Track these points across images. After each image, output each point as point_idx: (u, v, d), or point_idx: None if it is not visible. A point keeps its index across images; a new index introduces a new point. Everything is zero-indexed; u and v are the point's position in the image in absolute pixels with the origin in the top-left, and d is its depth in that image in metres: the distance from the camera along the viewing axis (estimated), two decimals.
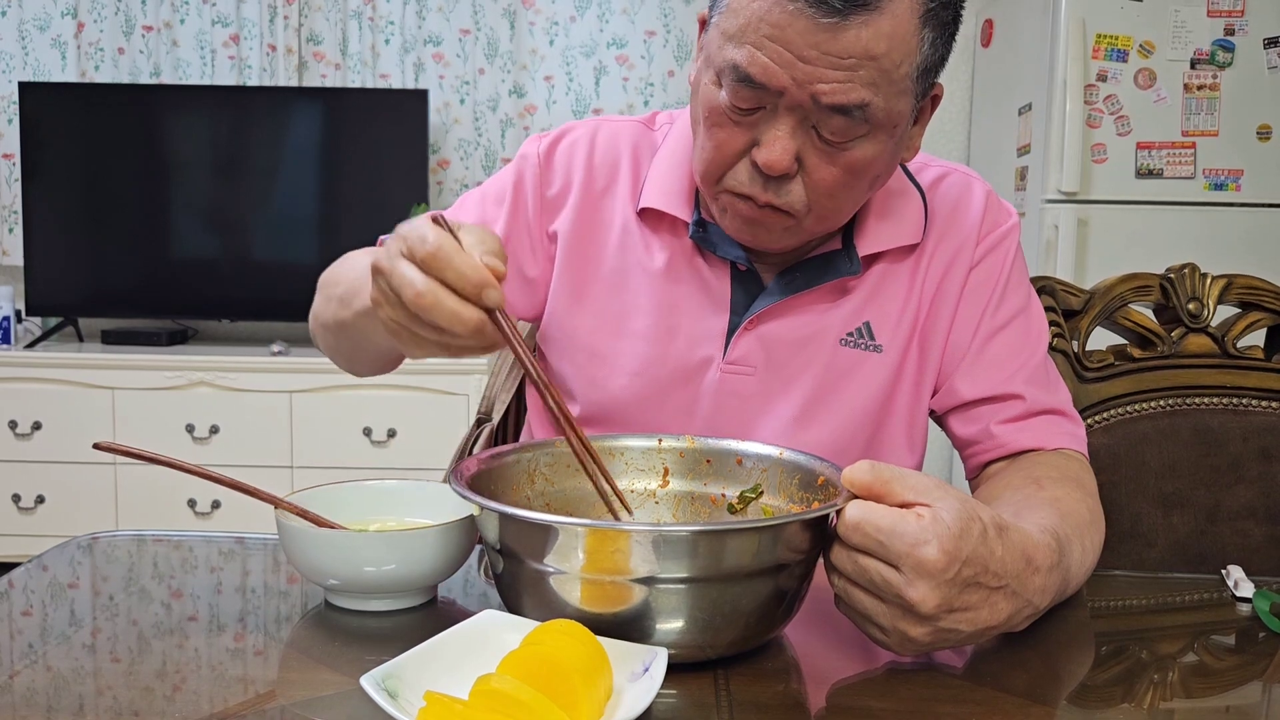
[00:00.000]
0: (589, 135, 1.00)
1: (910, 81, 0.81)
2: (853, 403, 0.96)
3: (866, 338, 0.95)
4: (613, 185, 0.99)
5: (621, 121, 1.03)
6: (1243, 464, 1.09)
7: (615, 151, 1.00)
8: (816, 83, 0.77)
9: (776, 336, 0.95)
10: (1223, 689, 0.68)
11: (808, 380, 0.95)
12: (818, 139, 0.81)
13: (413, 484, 0.85)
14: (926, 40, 0.80)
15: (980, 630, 0.65)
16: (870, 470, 0.64)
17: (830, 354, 0.95)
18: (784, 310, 0.94)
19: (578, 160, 0.99)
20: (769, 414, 0.96)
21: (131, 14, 3.29)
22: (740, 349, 0.95)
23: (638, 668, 0.59)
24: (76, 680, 0.64)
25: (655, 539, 0.61)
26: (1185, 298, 1.11)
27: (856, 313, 0.95)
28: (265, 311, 3.26)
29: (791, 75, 0.77)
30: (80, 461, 2.97)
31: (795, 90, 0.78)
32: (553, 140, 1.01)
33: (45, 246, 3.20)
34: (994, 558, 0.63)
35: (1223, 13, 2.67)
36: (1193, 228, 2.71)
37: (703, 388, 0.96)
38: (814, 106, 0.78)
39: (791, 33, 0.76)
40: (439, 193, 3.39)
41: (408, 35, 3.31)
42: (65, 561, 0.86)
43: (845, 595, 0.66)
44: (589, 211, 0.98)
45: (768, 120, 0.81)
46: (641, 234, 0.97)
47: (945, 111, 3.38)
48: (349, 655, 0.67)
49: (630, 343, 0.97)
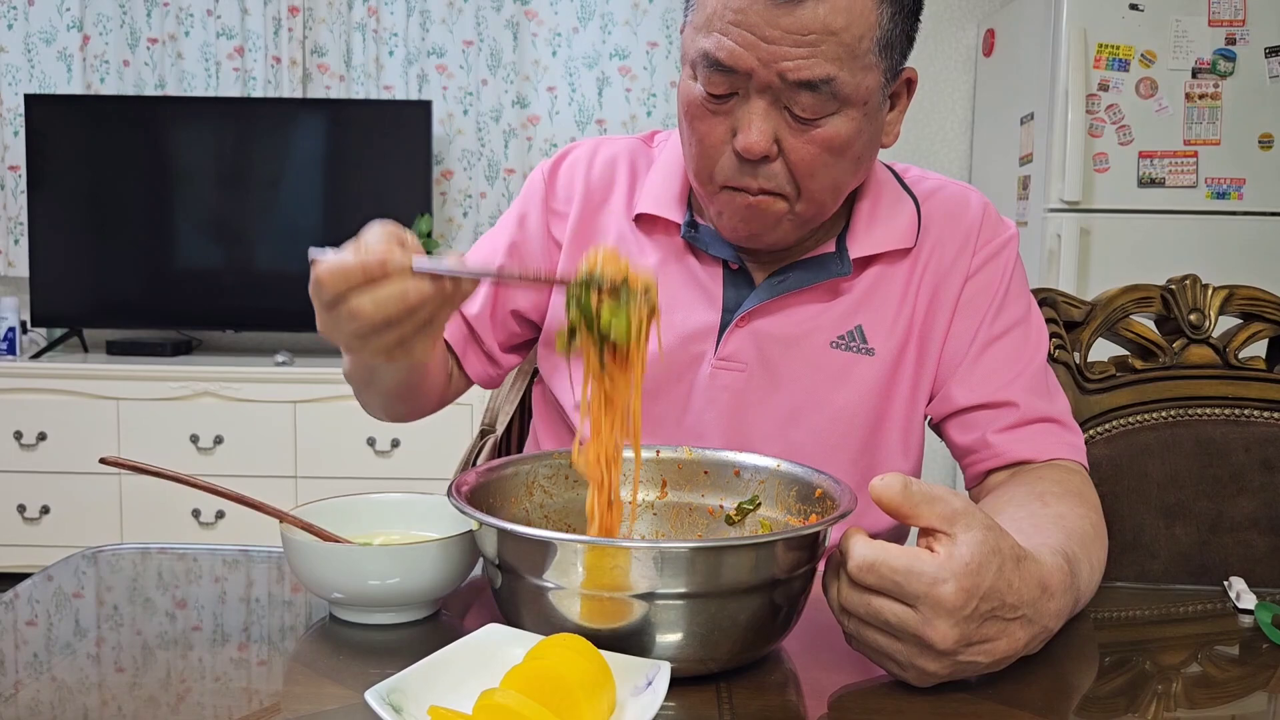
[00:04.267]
0: (589, 153, 1.05)
1: (873, 56, 0.84)
2: (845, 405, 0.96)
3: (859, 340, 0.96)
4: (609, 198, 1.02)
5: (620, 140, 1.07)
6: (1245, 475, 1.09)
7: (612, 167, 1.03)
8: (781, 61, 0.81)
9: (767, 334, 0.96)
10: (1226, 700, 0.68)
11: (798, 380, 0.96)
12: (791, 119, 0.84)
13: (417, 497, 0.85)
14: (885, 15, 0.84)
15: (998, 660, 0.65)
16: (903, 490, 0.64)
17: (820, 355, 0.96)
18: (775, 309, 0.96)
19: (578, 176, 1.03)
20: (760, 411, 0.97)
21: (136, 27, 3.31)
22: (731, 345, 0.96)
23: (640, 682, 0.59)
24: (81, 691, 0.64)
25: (655, 555, 0.61)
26: (1186, 309, 1.11)
27: (849, 316, 0.96)
28: (269, 322, 3.26)
29: (756, 56, 0.81)
30: (85, 472, 2.97)
31: (762, 71, 0.82)
32: (556, 160, 1.06)
33: (50, 257, 3.21)
34: (1011, 590, 0.63)
35: (1224, 22, 2.68)
36: (1195, 237, 2.71)
37: (695, 383, 0.97)
38: (783, 85, 0.82)
39: (753, 15, 0.81)
40: (442, 203, 3.40)
41: (411, 47, 3.32)
42: (70, 573, 0.86)
43: (859, 635, 0.65)
44: (587, 222, 1.02)
45: (742, 106, 0.85)
46: (636, 239, 1.00)
47: (947, 121, 3.39)
48: (353, 669, 0.67)
49: None
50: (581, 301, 0.69)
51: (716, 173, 0.89)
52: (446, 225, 3.40)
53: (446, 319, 0.74)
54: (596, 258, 0.70)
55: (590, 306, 0.69)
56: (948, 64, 3.40)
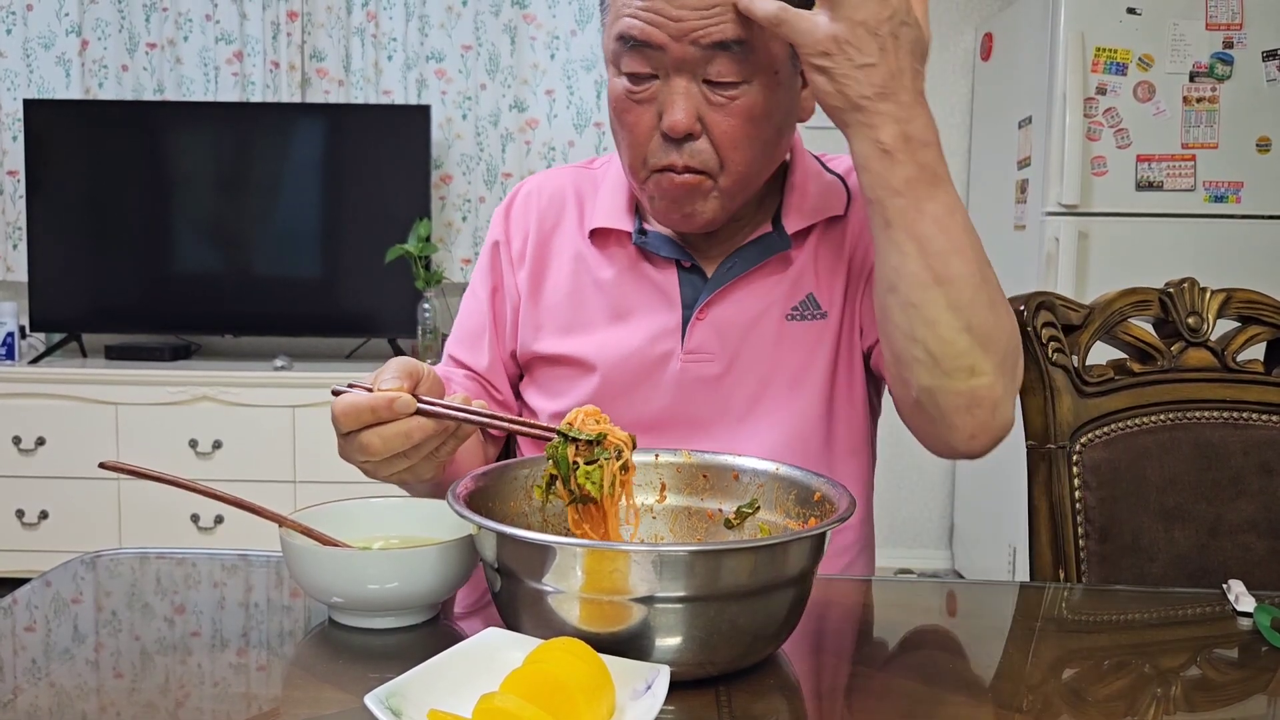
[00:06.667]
0: (538, 185, 1.12)
1: None
2: (811, 371, 1.01)
3: (813, 308, 1.02)
4: (560, 222, 1.08)
5: (564, 170, 1.14)
6: (1244, 478, 1.09)
7: (561, 194, 1.10)
8: (691, 31, 0.86)
9: (727, 320, 1.01)
10: (1225, 703, 0.68)
11: (764, 357, 1.01)
12: (711, 91, 0.89)
13: (416, 501, 0.86)
14: None
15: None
16: None
17: (778, 329, 1.01)
18: (729, 295, 1.01)
19: (532, 209, 1.10)
20: (734, 393, 1.01)
21: (135, 31, 3.31)
22: (696, 338, 1.01)
23: (640, 685, 0.59)
24: (80, 697, 0.64)
25: (654, 559, 0.61)
26: (1185, 312, 1.11)
27: (798, 287, 1.02)
28: (268, 326, 3.26)
29: (667, 33, 0.87)
30: (84, 477, 2.97)
31: (675, 45, 0.87)
32: (509, 202, 1.12)
33: (49, 262, 3.21)
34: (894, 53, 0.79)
35: (1221, 26, 2.68)
36: (1193, 240, 2.72)
37: (666, 379, 1.02)
38: (698, 56, 0.87)
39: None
40: (441, 207, 3.40)
41: (410, 51, 3.32)
42: (69, 578, 0.86)
43: None
44: (542, 248, 1.08)
45: (663, 88, 0.90)
46: (592, 255, 1.06)
47: (945, 124, 3.38)
48: (353, 673, 0.67)
49: (591, 349, 1.03)
50: (558, 455, 0.75)
51: (648, 157, 0.93)
52: (445, 229, 3.41)
53: (452, 450, 0.82)
54: (578, 415, 0.76)
55: (566, 461, 0.75)
56: (946, 68, 3.40)
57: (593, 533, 0.76)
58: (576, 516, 0.76)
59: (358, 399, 0.77)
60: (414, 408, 0.77)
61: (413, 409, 0.77)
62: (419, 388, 0.80)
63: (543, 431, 0.78)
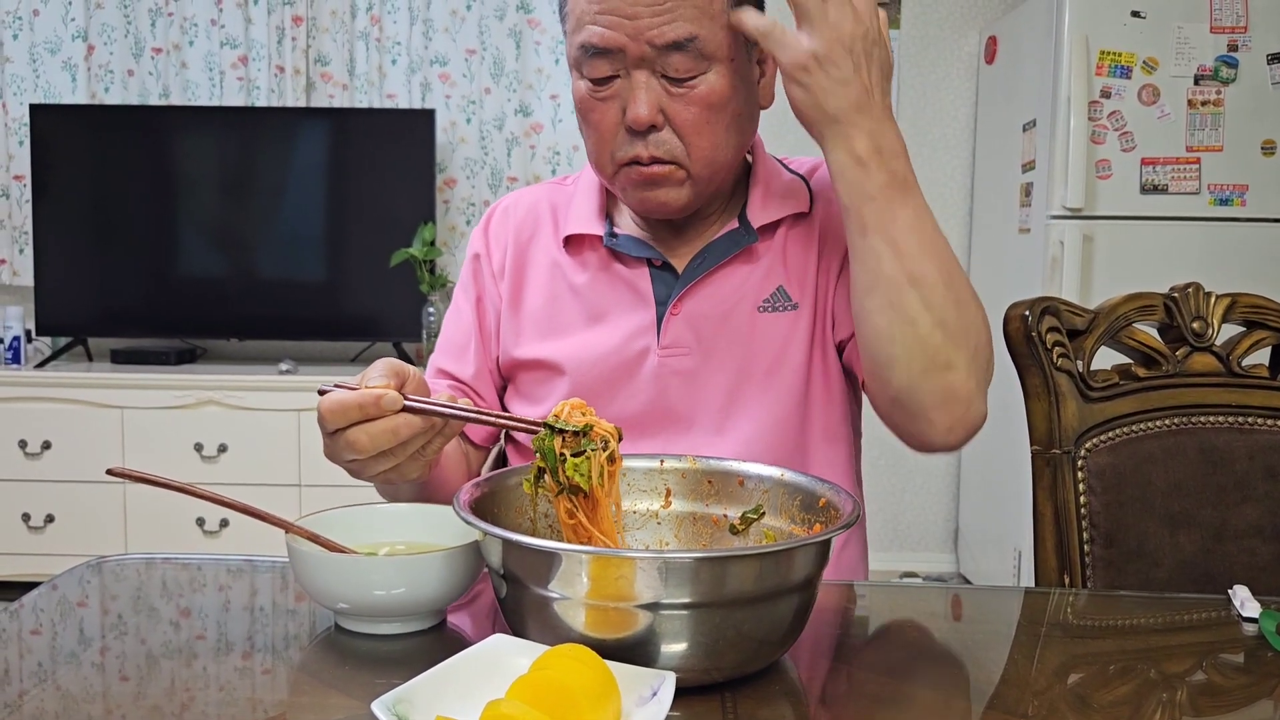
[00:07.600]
0: (514, 201, 1.16)
1: (727, 14, 0.93)
2: (785, 361, 1.03)
3: (783, 299, 1.04)
4: (536, 234, 1.12)
5: (538, 186, 1.18)
6: (1249, 482, 1.09)
7: (536, 208, 1.14)
8: (646, 31, 0.91)
9: (701, 314, 1.03)
10: (1230, 709, 0.68)
11: (738, 348, 1.03)
12: (670, 84, 0.94)
13: (422, 506, 0.86)
14: None
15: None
16: None
17: (750, 321, 1.03)
18: (701, 290, 1.03)
19: (509, 223, 1.13)
20: (710, 385, 1.03)
21: (141, 37, 3.33)
22: (671, 334, 1.03)
23: (646, 692, 0.60)
24: (86, 701, 0.64)
25: (659, 565, 0.61)
26: (1189, 317, 1.11)
27: (768, 279, 1.04)
28: (273, 330, 3.27)
29: (624, 33, 0.91)
30: (90, 481, 2.98)
31: (633, 45, 0.92)
32: (486, 219, 1.15)
33: (55, 267, 3.22)
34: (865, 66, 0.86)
35: (1226, 29, 2.68)
36: (1198, 243, 2.71)
37: (644, 375, 1.04)
38: (655, 54, 0.92)
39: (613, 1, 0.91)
40: (445, 211, 3.40)
41: (414, 56, 3.33)
42: (75, 583, 0.86)
43: None
44: (520, 260, 1.11)
45: (625, 84, 0.94)
46: (567, 262, 1.09)
47: (949, 128, 3.39)
48: (359, 679, 0.67)
49: (569, 351, 1.05)
50: (545, 448, 0.76)
51: (615, 151, 0.98)
52: (449, 233, 3.41)
53: (439, 449, 0.83)
54: (564, 408, 0.77)
55: (553, 453, 0.76)
56: (950, 71, 3.40)
57: (587, 524, 0.76)
58: (570, 507, 0.76)
59: (345, 396, 0.78)
60: (401, 404, 0.78)
61: (399, 405, 0.77)
62: (405, 387, 0.81)
63: (529, 425, 0.78)
